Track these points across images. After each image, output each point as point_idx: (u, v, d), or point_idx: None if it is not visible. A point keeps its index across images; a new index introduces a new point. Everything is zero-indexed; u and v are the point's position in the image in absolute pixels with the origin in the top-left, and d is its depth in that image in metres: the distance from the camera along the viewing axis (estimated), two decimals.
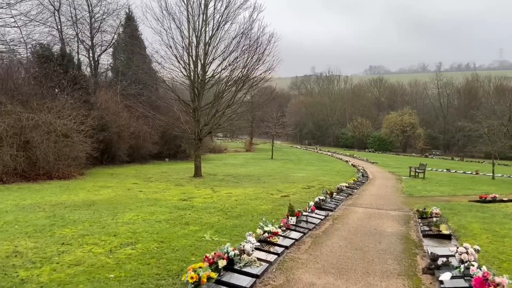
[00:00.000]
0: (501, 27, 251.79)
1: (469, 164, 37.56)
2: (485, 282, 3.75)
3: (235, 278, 4.17)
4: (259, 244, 5.44)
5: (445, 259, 4.93)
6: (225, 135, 67.46)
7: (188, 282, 3.72)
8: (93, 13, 24.37)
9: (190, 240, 5.91)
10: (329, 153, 43.52)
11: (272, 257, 5.03)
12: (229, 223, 7.20)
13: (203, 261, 4.12)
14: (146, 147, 21.82)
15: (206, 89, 16.27)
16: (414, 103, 66.04)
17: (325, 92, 79.45)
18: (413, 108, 59.08)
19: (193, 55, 15.39)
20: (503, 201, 11.49)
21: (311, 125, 68.60)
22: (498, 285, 3.68)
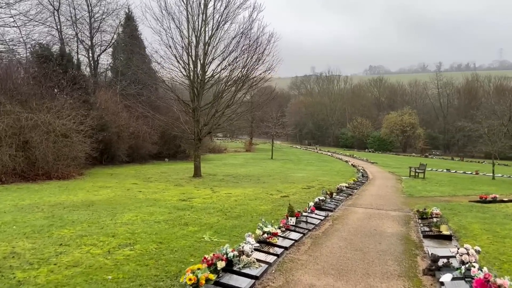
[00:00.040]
0: (501, 27, 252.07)
1: (469, 164, 37.53)
2: (487, 284, 3.71)
3: (234, 279, 4.13)
4: (258, 245, 5.41)
5: (445, 260, 4.89)
6: (225, 135, 67.42)
7: (186, 284, 3.68)
8: (93, 13, 24.34)
9: (189, 241, 5.87)
10: (329, 153, 43.48)
11: (271, 258, 4.99)
12: (229, 224, 7.16)
13: (202, 263, 4.08)
14: (145, 147, 21.79)
15: (205, 89, 16.24)
16: (414, 103, 65.98)
17: (325, 92, 79.41)
18: (413, 108, 59.02)
19: (193, 55, 15.36)
20: (503, 201, 11.44)
21: (311, 125, 68.54)
22: (499, 287, 3.65)
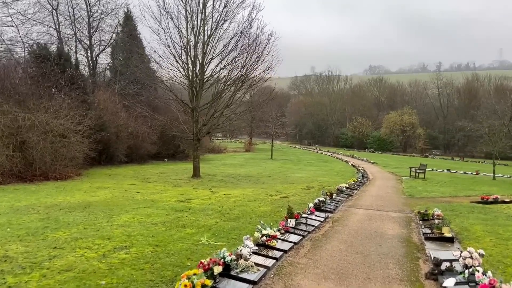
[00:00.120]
0: (501, 26, 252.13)
1: (469, 164, 37.41)
2: None
3: (231, 285, 4.01)
4: (257, 248, 5.30)
5: (448, 264, 4.78)
6: (224, 135, 67.26)
7: None
8: (91, 13, 24.22)
9: (186, 243, 5.75)
10: (329, 153, 43.36)
11: (270, 262, 4.88)
12: (227, 226, 7.04)
13: (198, 267, 3.96)
14: (144, 147, 21.66)
15: (204, 89, 16.12)
16: (414, 103, 65.83)
17: (325, 92, 79.27)
18: (413, 108, 58.89)
19: (192, 54, 15.23)
20: (505, 202, 11.30)
21: (311, 125, 68.40)
22: None
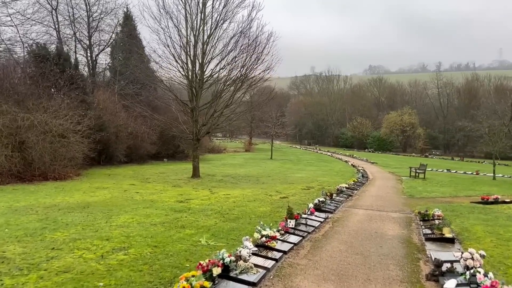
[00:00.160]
0: (500, 27, 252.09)
1: (469, 164, 37.37)
2: None
3: (230, 286, 3.98)
4: (256, 249, 5.26)
5: (449, 265, 4.74)
6: (224, 135, 67.26)
7: None
8: (91, 12, 24.21)
9: (185, 244, 5.71)
10: (329, 153, 43.31)
11: (269, 263, 4.84)
12: (226, 226, 7.01)
13: (197, 269, 3.93)
14: (144, 147, 21.63)
15: (204, 89, 16.08)
16: (414, 103, 65.77)
17: (325, 92, 79.18)
18: (413, 108, 58.81)
19: (191, 54, 15.20)
20: (505, 202, 11.26)
21: (311, 125, 68.36)
22: None
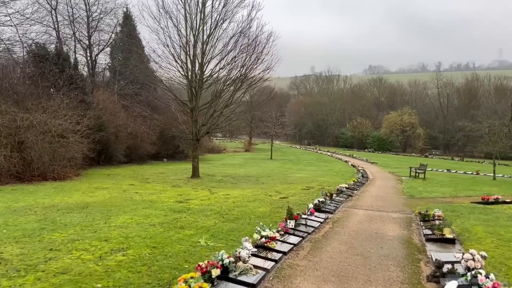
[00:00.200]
0: (500, 27, 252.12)
1: (469, 164, 37.34)
2: None
3: None
4: (256, 250, 5.22)
5: (450, 266, 4.71)
6: (224, 135, 67.23)
7: None
8: (91, 12, 24.19)
9: (184, 245, 5.68)
10: (329, 153, 43.28)
11: (269, 264, 4.80)
12: (226, 227, 6.97)
13: (196, 270, 3.89)
14: (143, 148, 21.60)
15: (204, 89, 16.05)
16: (414, 103, 65.75)
17: (325, 92, 79.19)
18: (413, 108, 58.81)
19: (191, 54, 15.16)
20: (506, 202, 11.24)
21: (311, 125, 68.33)
22: None
